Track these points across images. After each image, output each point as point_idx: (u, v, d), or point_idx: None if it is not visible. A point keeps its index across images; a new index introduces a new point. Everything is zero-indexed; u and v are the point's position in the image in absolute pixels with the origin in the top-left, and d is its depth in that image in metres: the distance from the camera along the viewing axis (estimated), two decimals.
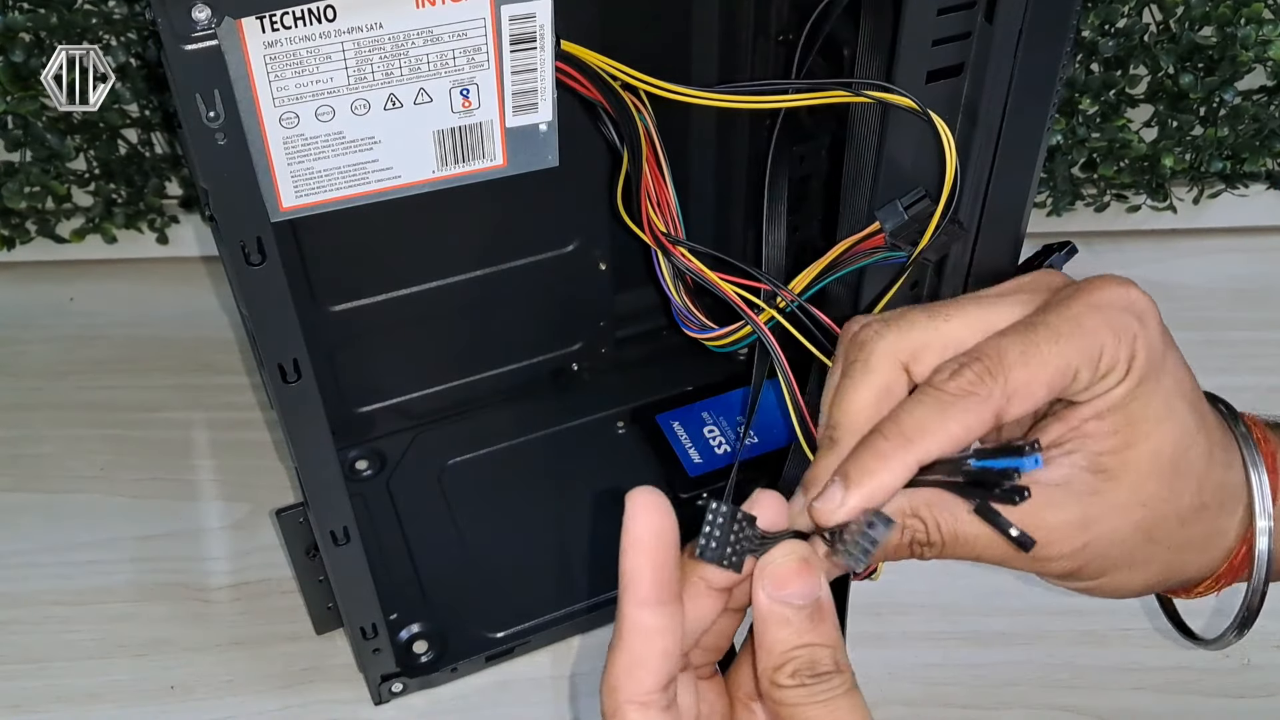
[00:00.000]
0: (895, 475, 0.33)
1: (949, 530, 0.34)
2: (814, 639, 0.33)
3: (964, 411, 0.33)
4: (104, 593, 0.67)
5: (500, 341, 0.72)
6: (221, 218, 0.41)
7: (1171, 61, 0.76)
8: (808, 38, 0.51)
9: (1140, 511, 0.35)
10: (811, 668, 0.32)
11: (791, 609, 0.32)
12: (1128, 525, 0.35)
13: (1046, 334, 0.34)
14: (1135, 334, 0.34)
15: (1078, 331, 0.34)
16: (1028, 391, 0.33)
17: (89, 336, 0.81)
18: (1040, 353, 0.33)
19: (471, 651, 0.62)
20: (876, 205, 0.54)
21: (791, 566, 0.33)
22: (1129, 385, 0.34)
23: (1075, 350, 0.33)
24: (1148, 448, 0.35)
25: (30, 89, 0.71)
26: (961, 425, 0.33)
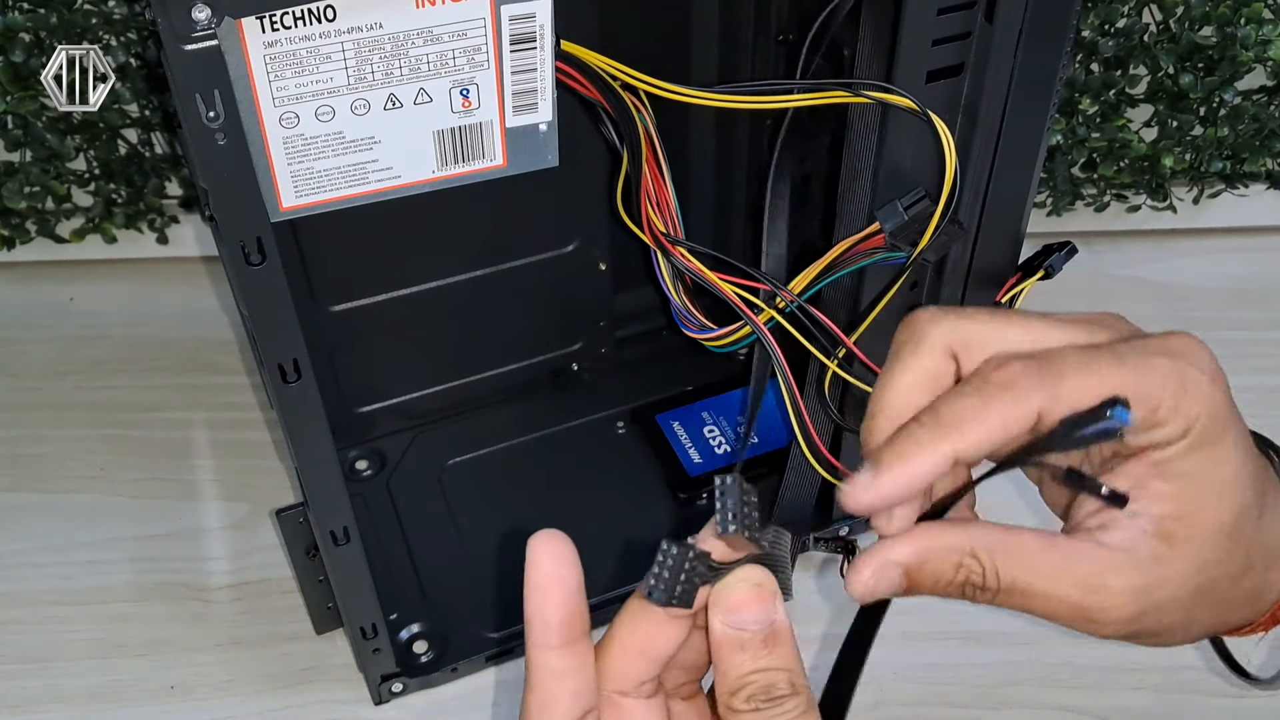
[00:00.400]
0: (928, 464, 0.32)
1: (1007, 578, 0.34)
2: (769, 663, 0.32)
3: (1006, 403, 0.32)
4: (104, 593, 0.67)
5: (500, 341, 0.72)
6: (221, 218, 0.41)
7: (1171, 61, 0.76)
8: (813, 39, 0.51)
9: (1197, 579, 0.34)
10: (767, 692, 0.32)
11: (746, 634, 0.32)
12: (1185, 592, 0.34)
13: (1110, 357, 0.33)
14: (1204, 393, 0.33)
15: (1143, 366, 0.33)
16: (1075, 400, 0.32)
17: (89, 336, 0.81)
18: (1099, 369, 0.32)
19: (471, 651, 0.62)
20: (876, 206, 0.54)
21: (745, 593, 0.33)
22: (1188, 444, 0.33)
23: (1135, 381, 0.32)
24: (1211, 517, 0.34)
25: (30, 89, 0.71)
26: (1001, 417, 0.32)
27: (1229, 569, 0.35)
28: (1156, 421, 0.33)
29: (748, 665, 0.32)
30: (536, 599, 0.34)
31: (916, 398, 0.34)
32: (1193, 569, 0.34)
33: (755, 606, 0.33)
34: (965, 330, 0.34)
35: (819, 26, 0.51)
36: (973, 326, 0.34)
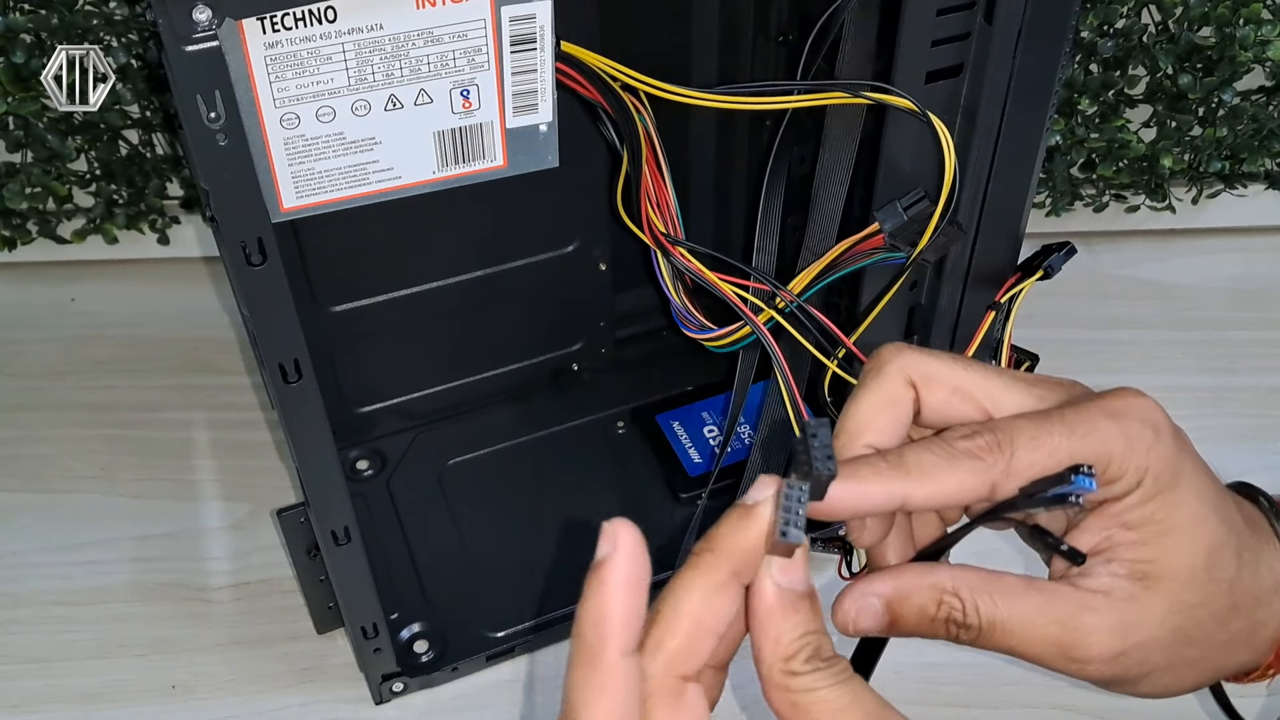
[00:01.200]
0: (879, 493, 0.34)
1: (988, 616, 0.35)
2: (818, 626, 0.33)
3: (965, 470, 0.34)
4: (104, 593, 0.67)
5: (500, 341, 0.72)
6: (222, 218, 0.41)
7: (1170, 62, 0.76)
8: (814, 40, 0.51)
9: (1177, 618, 0.35)
10: (820, 653, 0.32)
11: (797, 595, 0.33)
12: (1166, 632, 0.35)
13: (1060, 427, 0.35)
14: (1149, 445, 0.35)
15: (1091, 432, 0.34)
16: (1027, 474, 0.34)
17: (90, 336, 0.81)
18: (1050, 441, 0.34)
19: (472, 651, 0.62)
20: (876, 206, 0.54)
21: (796, 556, 0.33)
22: (1143, 494, 0.35)
23: (1084, 448, 0.34)
24: (1181, 558, 0.35)
25: (31, 90, 0.71)
26: (958, 481, 0.34)
27: (1212, 609, 0.36)
28: (1108, 478, 0.35)
29: (803, 626, 0.33)
30: (625, 598, 0.31)
31: (877, 418, 0.36)
32: (1171, 608, 0.35)
33: (804, 565, 0.33)
34: (926, 365, 0.36)
35: (820, 28, 0.51)
36: (934, 363, 0.36)
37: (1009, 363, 0.59)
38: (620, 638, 0.31)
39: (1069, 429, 0.34)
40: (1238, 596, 0.36)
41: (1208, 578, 0.36)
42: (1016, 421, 0.35)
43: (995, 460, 0.34)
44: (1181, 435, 0.36)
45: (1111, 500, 0.35)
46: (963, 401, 0.36)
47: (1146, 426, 0.35)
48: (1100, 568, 0.35)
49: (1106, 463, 0.35)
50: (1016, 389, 0.36)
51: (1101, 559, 0.36)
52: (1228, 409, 0.76)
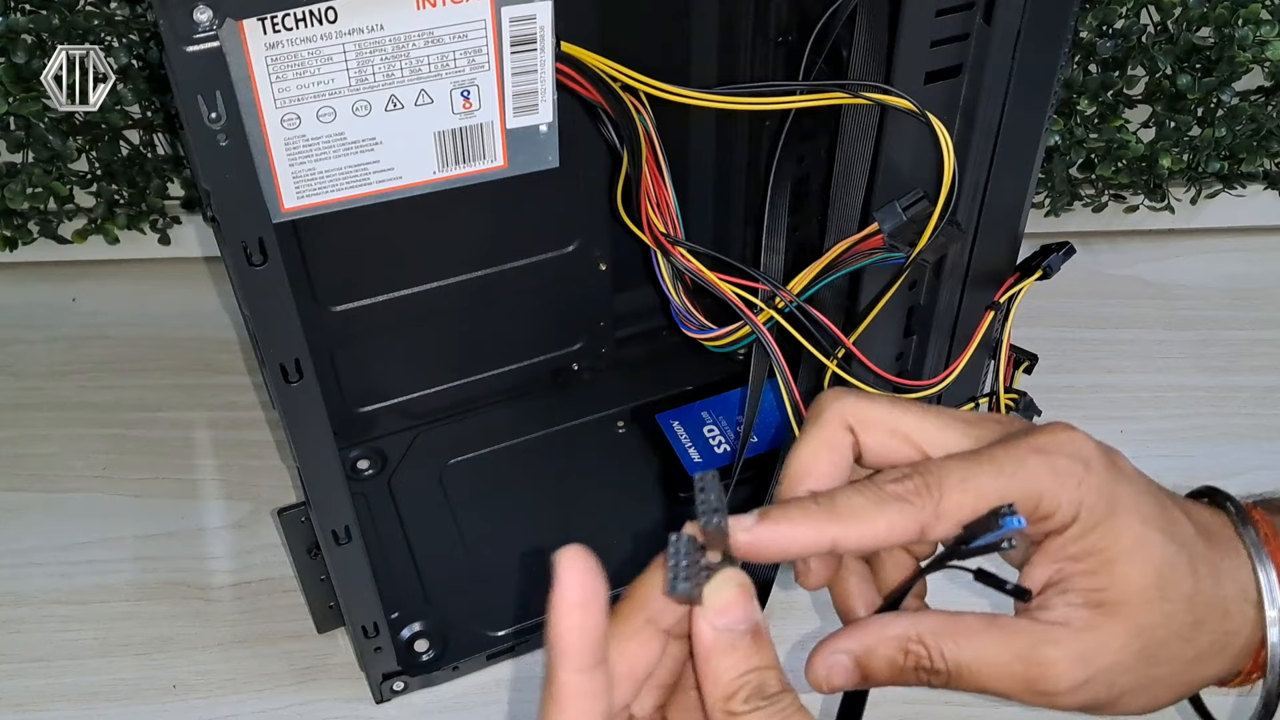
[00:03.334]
0: (808, 535, 0.34)
1: (953, 660, 0.35)
2: (760, 661, 0.33)
3: (894, 513, 0.34)
4: (105, 592, 0.67)
5: (500, 341, 0.72)
6: (223, 218, 0.41)
7: (1169, 62, 0.76)
8: (814, 41, 0.51)
9: (1138, 641, 0.36)
10: (761, 690, 0.33)
11: (736, 634, 0.33)
12: (1129, 656, 0.36)
13: (990, 468, 0.35)
14: (1079, 479, 0.35)
15: (1019, 472, 0.35)
16: (957, 515, 0.34)
17: (91, 336, 0.81)
18: (978, 484, 0.34)
19: (473, 650, 0.62)
20: (875, 207, 0.54)
21: (733, 593, 0.33)
22: (1082, 526, 0.35)
23: (1013, 487, 0.34)
24: (1131, 581, 0.36)
25: (32, 90, 0.71)
26: (887, 523, 0.34)
27: (1173, 628, 0.36)
28: (1041, 514, 0.35)
29: (742, 665, 0.33)
30: (568, 618, 0.32)
31: (817, 463, 0.37)
32: (1130, 632, 0.35)
33: (744, 605, 0.33)
34: (863, 410, 0.37)
35: (820, 29, 0.51)
36: (871, 407, 0.37)
37: (1009, 362, 0.59)
38: (573, 656, 0.32)
39: (998, 469, 0.35)
40: (1200, 611, 0.36)
41: (1161, 597, 0.36)
42: (947, 463, 0.35)
43: (924, 503, 0.34)
44: (1116, 461, 0.36)
45: (1054, 534, 0.36)
46: (900, 443, 0.37)
47: (1075, 461, 0.35)
48: (1057, 599, 0.36)
49: (1037, 500, 0.35)
50: (953, 429, 0.37)
51: (1057, 590, 0.36)
52: (1226, 409, 0.76)
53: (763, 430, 0.71)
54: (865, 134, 0.52)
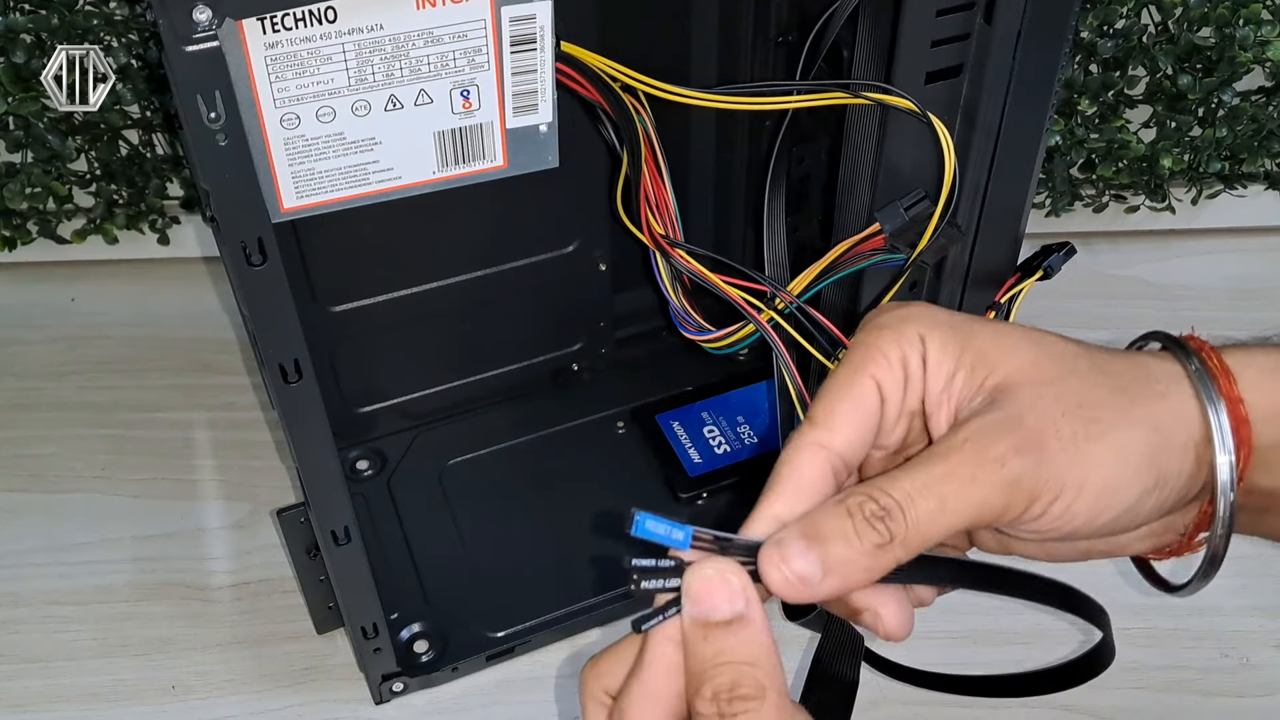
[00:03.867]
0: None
1: (900, 492, 0.32)
2: (734, 652, 0.31)
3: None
4: (105, 592, 0.67)
5: (500, 341, 0.72)
6: (223, 218, 0.41)
7: (1170, 62, 0.76)
8: (814, 41, 0.51)
9: (1049, 390, 0.33)
10: (732, 688, 0.31)
11: (710, 624, 0.31)
12: (1048, 404, 0.33)
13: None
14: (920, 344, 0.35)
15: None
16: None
17: (90, 336, 0.81)
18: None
19: (472, 651, 0.62)
20: (876, 207, 0.54)
21: (711, 581, 0.31)
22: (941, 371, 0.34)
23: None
24: (1010, 358, 0.34)
25: (31, 90, 0.71)
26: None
27: (1077, 374, 0.34)
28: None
29: (709, 650, 0.31)
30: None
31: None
32: (1034, 385, 0.33)
33: (722, 592, 0.31)
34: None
35: (820, 29, 0.51)
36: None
37: None
38: (663, 626, 0.33)
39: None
40: (1100, 361, 0.35)
41: (1049, 357, 0.34)
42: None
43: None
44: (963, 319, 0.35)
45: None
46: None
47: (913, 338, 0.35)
48: (963, 415, 0.34)
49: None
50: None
51: (959, 414, 0.34)
52: None
53: (761, 429, 0.71)
54: (868, 134, 0.52)
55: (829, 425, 0.34)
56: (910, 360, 0.35)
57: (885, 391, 0.35)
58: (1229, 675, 0.63)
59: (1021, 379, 0.34)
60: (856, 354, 0.35)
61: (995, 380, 0.34)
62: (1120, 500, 0.33)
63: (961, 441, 0.33)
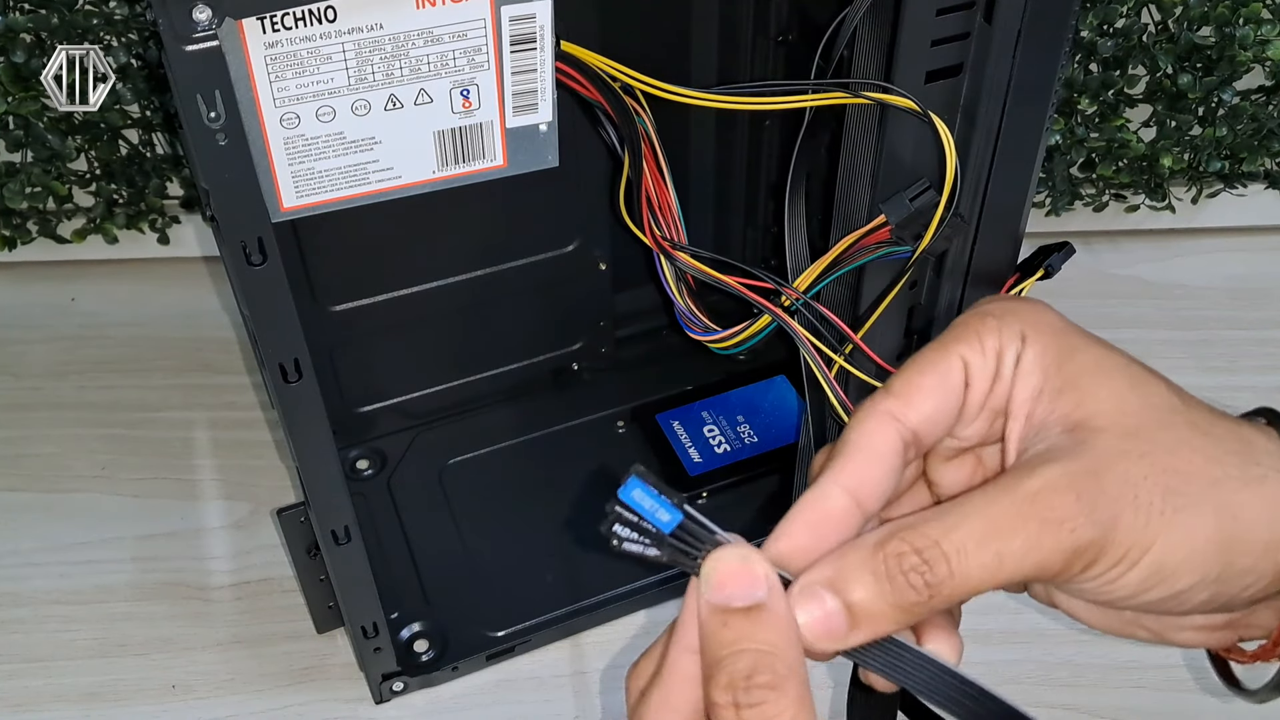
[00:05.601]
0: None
1: (946, 542, 0.30)
2: (752, 639, 0.29)
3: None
4: (105, 592, 0.67)
5: (500, 341, 0.72)
6: (222, 218, 0.41)
7: (1170, 61, 0.76)
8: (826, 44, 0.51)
9: (1134, 444, 0.31)
10: (749, 676, 0.29)
11: (730, 610, 0.30)
12: (1130, 461, 0.30)
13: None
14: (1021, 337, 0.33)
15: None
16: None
17: (90, 336, 0.81)
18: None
19: (472, 650, 0.62)
20: (880, 199, 0.54)
21: (733, 570, 0.30)
22: (1030, 382, 0.32)
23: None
24: (1102, 392, 0.31)
25: (31, 90, 0.71)
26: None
27: (1173, 432, 0.31)
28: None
29: (728, 635, 0.29)
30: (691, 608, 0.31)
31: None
32: (1122, 436, 0.31)
33: (744, 580, 0.30)
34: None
35: (832, 32, 0.51)
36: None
37: None
38: (681, 635, 0.31)
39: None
40: (1201, 420, 0.32)
41: (1144, 404, 0.31)
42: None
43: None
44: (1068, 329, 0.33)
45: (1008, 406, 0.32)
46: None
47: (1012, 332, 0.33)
48: (1033, 445, 0.31)
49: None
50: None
51: (1030, 442, 0.32)
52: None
53: (761, 429, 0.71)
54: (867, 132, 0.52)
55: (906, 397, 0.32)
56: (1006, 355, 0.33)
57: (972, 376, 0.33)
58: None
59: (1108, 424, 0.31)
60: (952, 333, 0.33)
61: (1081, 415, 0.31)
62: (1170, 584, 0.31)
63: (1032, 494, 0.30)
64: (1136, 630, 0.35)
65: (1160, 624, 0.35)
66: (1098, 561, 0.30)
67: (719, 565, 0.30)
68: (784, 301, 0.55)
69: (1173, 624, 0.34)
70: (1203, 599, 0.31)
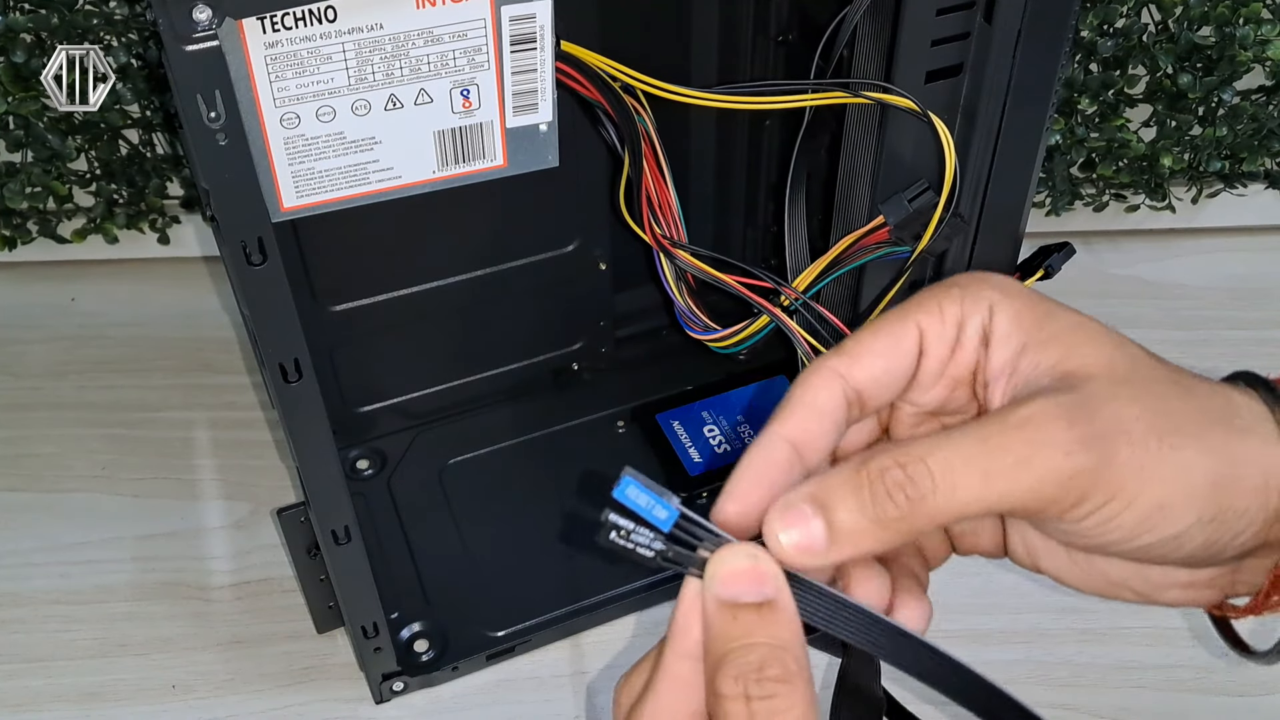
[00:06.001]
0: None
1: (932, 460, 0.29)
2: (762, 635, 0.29)
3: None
4: (105, 592, 0.67)
5: (500, 341, 0.72)
6: (222, 218, 0.41)
7: (1170, 61, 0.76)
8: (826, 44, 0.51)
9: (1124, 388, 0.30)
10: (759, 669, 0.29)
11: (738, 605, 0.29)
12: (1119, 401, 0.30)
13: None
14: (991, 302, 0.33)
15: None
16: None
17: (90, 336, 0.81)
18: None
19: (472, 650, 0.62)
20: (879, 200, 0.54)
21: (740, 565, 0.30)
22: (1014, 340, 0.32)
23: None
24: (1089, 348, 0.31)
25: (31, 90, 0.71)
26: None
27: (1159, 382, 0.32)
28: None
29: (736, 629, 0.29)
30: (687, 609, 0.31)
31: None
32: (1109, 379, 0.31)
33: (752, 577, 0.30)
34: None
35: (832, 32, 0.51)
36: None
37: None
38: (678, 642, 0.31)
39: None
40: (1182, 380, 0.32)
41: (1131, 360, 0.31)
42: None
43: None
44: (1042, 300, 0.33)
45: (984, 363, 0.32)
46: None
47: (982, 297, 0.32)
48: (1023, 389, 0.31)
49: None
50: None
51: (1018, 388, 0.31)
52: None
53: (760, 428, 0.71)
54: (868, 132, 0.52)
55: (855, 356, 0.32)
56: (969, 324, 0.32)
57: (928, 344, 0.33)
58: (1229, 674, 0.63)
59: (1099, 371, 0.31)
60: (914, 301, 0.33)
61: (1069, 366, 0.31)
62: (1170, 524, 0.30)
63: (1023, 419, 0.29)
64: (1122, 591, 0.34)
65: (1146, 583, 0.34)
66: (1092, 494, 0.29)
67: (727, 563, 0.30)
68: (783, 301, 0.55)
69: (1159, 582, 0.34)
70: (1198, 543, 0.31)
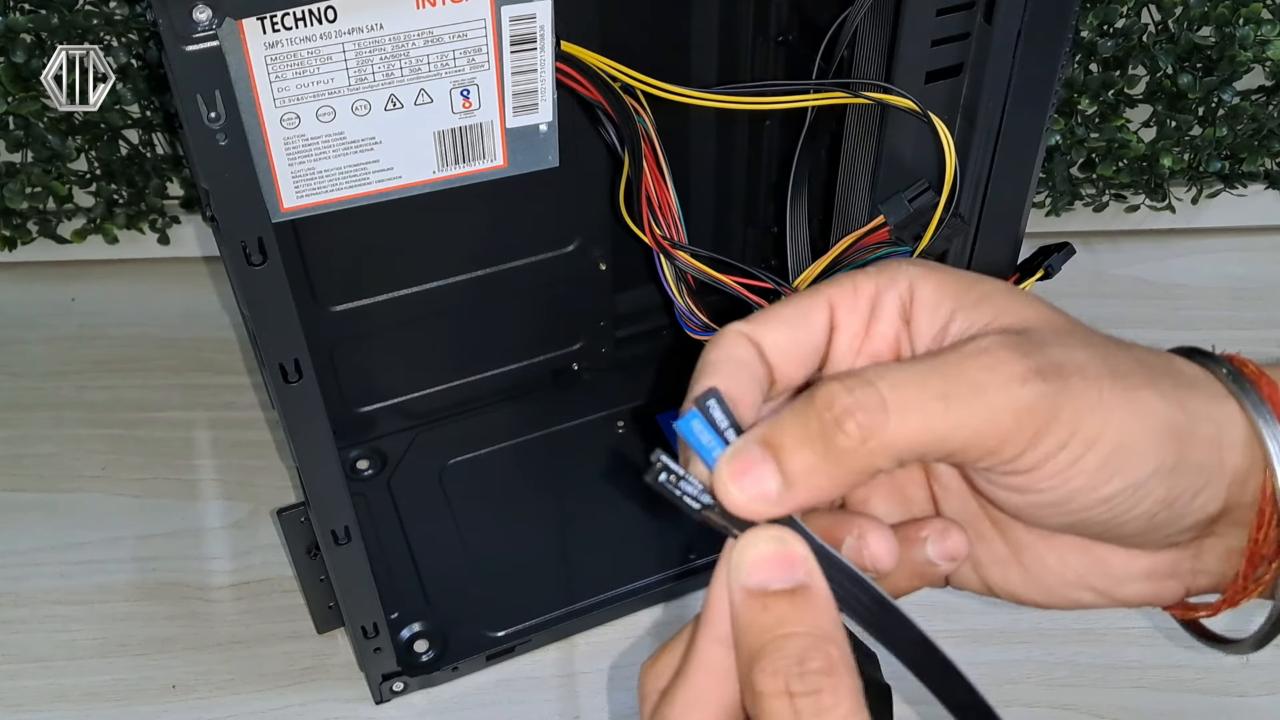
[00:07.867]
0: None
1: (880, 377, 0.28)
2: (798, 624, 0.27)
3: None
4: (105, 592, 0.67)
5: (500, 341, 0.72)
6: (222, 218, 0.41)
7: (1170, 61, 0.76)
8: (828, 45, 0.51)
9: (1071, 338, 0.29)
10: (801, 661, 0.26)
11: (769, 593, 0.27)
12: (1069, 342, 0.29)
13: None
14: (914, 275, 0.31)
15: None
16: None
17: (90, 336, 0.81)
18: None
19: (472, 650, 0.62)
20: (879, 200, 0.54)
21: (766, 549, 0.28)
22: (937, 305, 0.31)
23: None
24: (1027, 311, 0.30)
25: (31, 90, 0.71)
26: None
27: (1103, 346, 0.30)
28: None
29: (769, 619, 0.27)
30: (722, 591, 0.29)
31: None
32: (1055, 331, 0.29)
33: (780, 562, 0.28)
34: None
35: (832, 32, 0.51)
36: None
37: None
38: (712, 626, 0.29)
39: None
40: (1122, 341, 0.31)
41: (1067, 319, 0.30)
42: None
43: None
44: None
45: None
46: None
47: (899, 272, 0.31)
48: (979, 346, 0.29)
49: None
50: None
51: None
52: None
53: None
54: (868, 132, 0.52)
55: (760, 322, 0.31)
56: (885, 297, 0.31)
57: (839, 319, 0.31)
58: (1229, 674, 0.63)
59: (1039, 324, 0.30)
60: (828, 279, 0.32)
61: (1006, 321, 0.30)
62: (1132, 469, 0.29)
63: (978, 348, 0.28)
64: (1081, 593, 0.33)
65: (1106, 576, 0.32)
66: (1050, 430, 0.28)
67: (752, 548, 0.28)
68: None
69: (1119, 573, 0.32)
70: (1158, 496, 0.29)
